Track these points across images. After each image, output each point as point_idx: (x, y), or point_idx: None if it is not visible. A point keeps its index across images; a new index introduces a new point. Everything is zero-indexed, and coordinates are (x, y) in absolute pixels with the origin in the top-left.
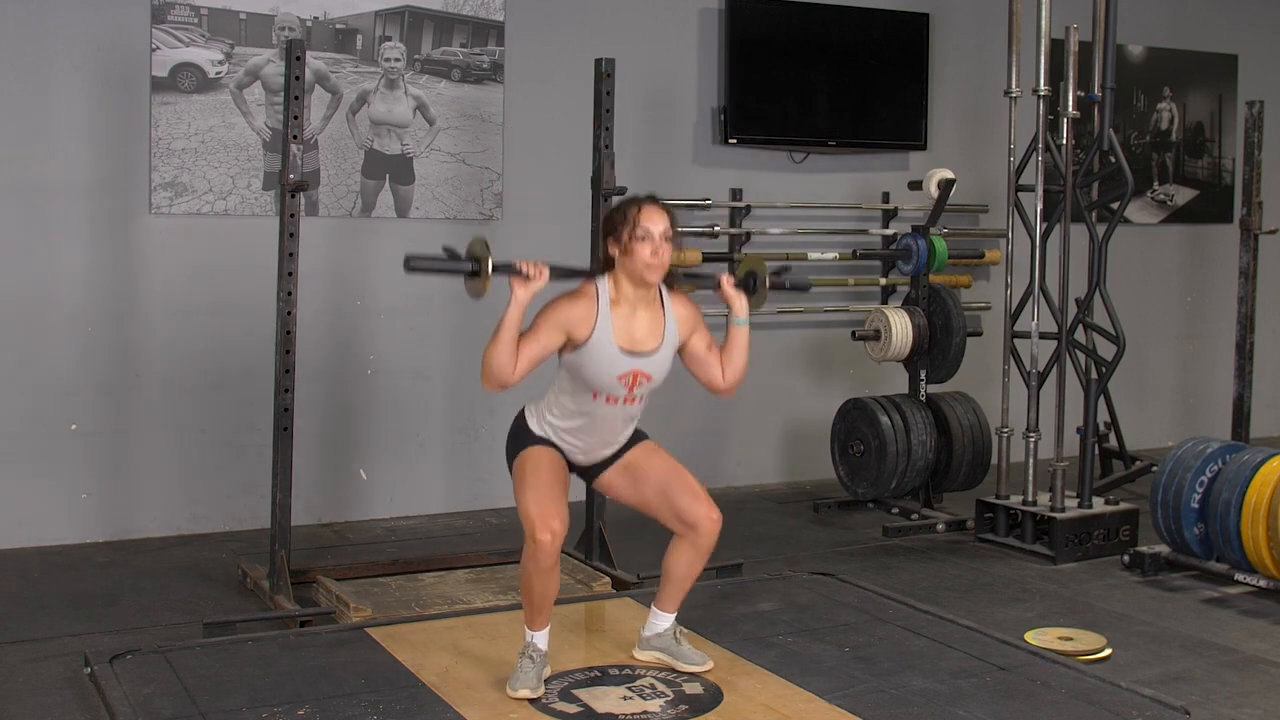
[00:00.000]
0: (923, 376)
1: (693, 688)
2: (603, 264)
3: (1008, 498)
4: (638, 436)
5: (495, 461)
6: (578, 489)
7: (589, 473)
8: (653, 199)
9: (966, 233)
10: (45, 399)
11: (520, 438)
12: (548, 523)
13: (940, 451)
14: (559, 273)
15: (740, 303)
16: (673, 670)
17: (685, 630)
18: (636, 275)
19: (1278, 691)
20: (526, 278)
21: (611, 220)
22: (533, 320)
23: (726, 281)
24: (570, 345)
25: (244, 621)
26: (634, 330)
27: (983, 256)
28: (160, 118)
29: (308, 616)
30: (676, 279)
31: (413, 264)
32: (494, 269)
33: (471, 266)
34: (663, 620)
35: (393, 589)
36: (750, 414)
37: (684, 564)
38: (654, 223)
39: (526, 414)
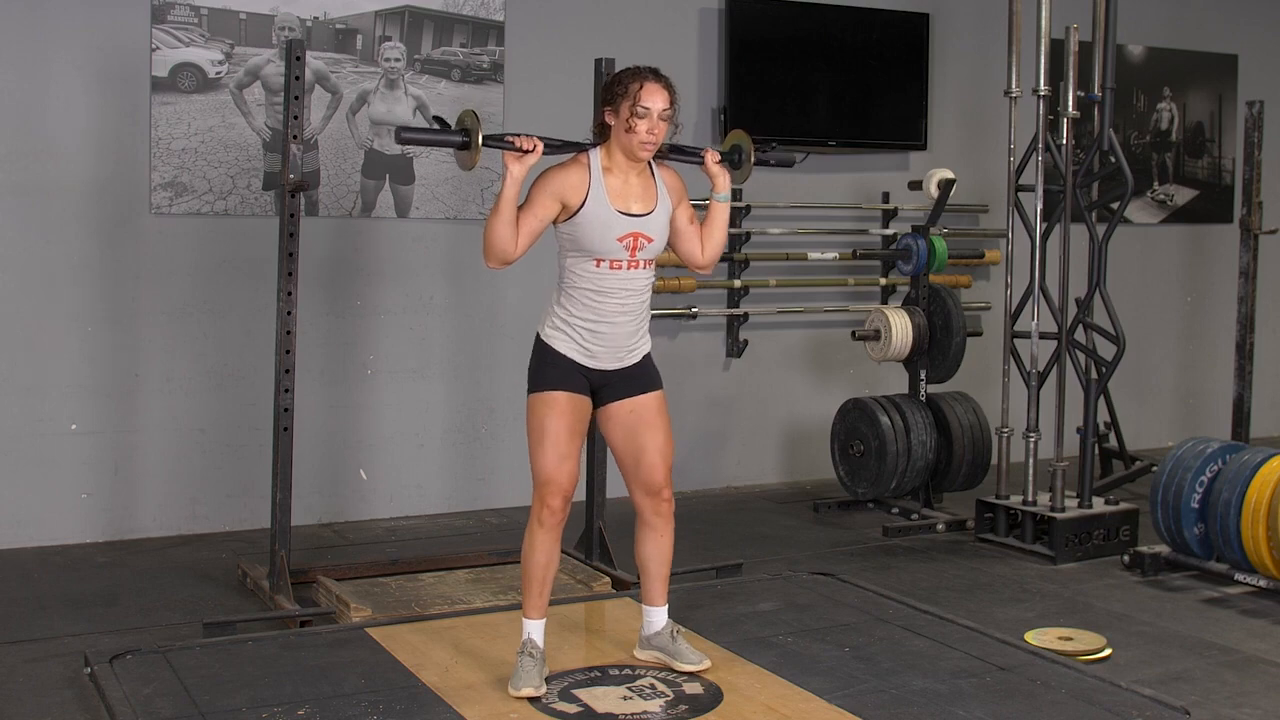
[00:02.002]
0: (923, 376)
1: (693, 688)
2: (596, 130)
3: (1008, 498)
4: (655, 377)
5: (495, 461)
6: (578, 486)
7: (603, 394)
8: (656, 74)
9: (966, 233)
10: (45, 399)
11: (541, 363)
12: (560, 486)
13: (940, 451)
14: (553, 147)
15: (723, 179)
16: (673, 670)
17: (683, 629)
18: (629, 150)
19: (1278, 691)
20: (521, 152)
21: (612, 90)
22: (527, 194)
23: (711, 157)
24: (566, 214)
25: (244, 621)
26: (628, 193)
27: (983, 256)
28: (160, 118)
29: (308, 616)
30: (662, 154)
31: (404, 135)
32: (485, 141)
33: (461, 138)
34: (657, 616)
35: (393, 589)
36: (750, 414)
37: (650, 547)
38: (654, 101)
39: (541, 332)
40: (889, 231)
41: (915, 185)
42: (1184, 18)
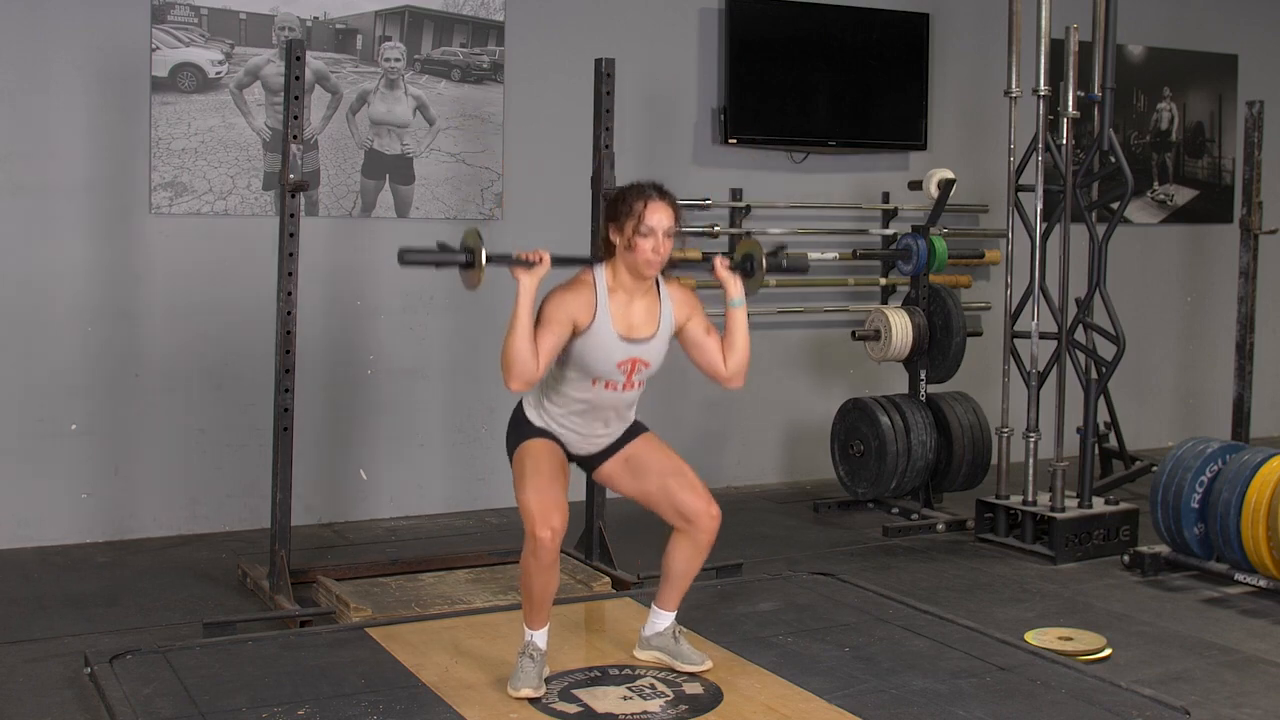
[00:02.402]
0: (923, 376)
1: (693, 688)
2: (601, 247)
3: (1008, 498)
4: (637, 428)
5: (495, 461)
6: (577, 487)
7: (589, 463)
8: (660, 191)
9: (966, 233)
10: (45, 399)
11: (520, 429)
12: (548, 519)
13: (940, 451)
14: (558, 260)
15: (735, 285)
16: (673, 670)
17: (684, 630)
18: (634, 268)
19: (1278, 691)
20: (530, 265)
21: (616, 208)
22: (539, 314)
23: (720, 264)
24: (574, 333)
25: (244, 621)
26: (632, 317)
27: (983, 256)
28: (160, 118)
29: (308, 616)
30: (671, 270)
31: (406, 257)
32: (488, 259)
33: (465, 258)
34: (663, 619)
35: (393, 589)
36: (750, 414)
37: (683, 561)
38: (658, 220)
39: (525, 405)
40: (889, 231)
41: (915, 185)
42: (1184, 18)
